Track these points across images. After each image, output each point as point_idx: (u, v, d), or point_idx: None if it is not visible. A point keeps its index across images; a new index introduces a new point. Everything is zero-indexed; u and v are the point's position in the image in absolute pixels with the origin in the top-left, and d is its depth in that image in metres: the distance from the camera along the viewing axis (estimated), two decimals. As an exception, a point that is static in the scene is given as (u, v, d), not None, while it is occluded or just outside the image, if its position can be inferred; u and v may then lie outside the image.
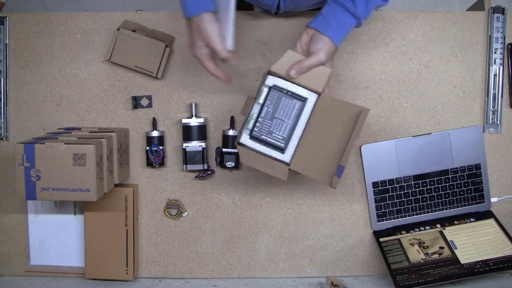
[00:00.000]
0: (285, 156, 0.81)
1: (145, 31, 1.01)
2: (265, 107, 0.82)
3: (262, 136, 0.81)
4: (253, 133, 0.81)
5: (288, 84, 0.82)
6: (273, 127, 0.81)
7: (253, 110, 0.82)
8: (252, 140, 0.82)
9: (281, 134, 0.81)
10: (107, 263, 1.00)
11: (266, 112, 0.82)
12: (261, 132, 0.81)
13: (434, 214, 1.04)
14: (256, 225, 1.05)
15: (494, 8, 1.02)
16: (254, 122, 0.82)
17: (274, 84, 0.82)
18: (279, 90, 0.82)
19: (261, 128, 0.81)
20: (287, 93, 0.82)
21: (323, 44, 0.81)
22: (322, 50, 0.80)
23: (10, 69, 1.04)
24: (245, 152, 0.82)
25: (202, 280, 1.05)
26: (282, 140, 0.81)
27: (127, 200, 0.99)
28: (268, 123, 0.81)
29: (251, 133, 0.81)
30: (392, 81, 1.04)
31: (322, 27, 0.82)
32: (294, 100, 0.82)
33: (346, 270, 1.05)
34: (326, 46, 0.81)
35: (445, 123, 1.04)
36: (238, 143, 0.82)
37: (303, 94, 0.82)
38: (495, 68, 1.03)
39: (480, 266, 0.94)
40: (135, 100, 1.03)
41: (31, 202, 1.05)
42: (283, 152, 0.81)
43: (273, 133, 0.81)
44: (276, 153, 0.81)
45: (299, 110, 0.82)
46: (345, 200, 1.05)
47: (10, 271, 1.05)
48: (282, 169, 0.82)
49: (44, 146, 0.83)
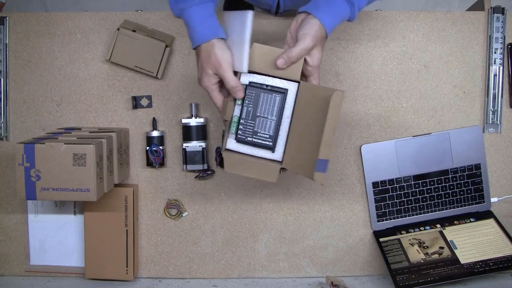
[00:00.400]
0: (276, 154, 0.78)
1: (145, 31, 1.01)
2: (245, 107, 0.78)
3: (248, 138, 0.78)
4: (238, 137, 0.78)
5: (264, 78, 0.78)
6: (257, 126, 0.78)
7: (234, 113, 0.79)
8: (239, 144, 0.79)
9: (267, 133, 0.78)
10: (107, 263, 1.00)
11: (247, 112, 0.78)
12: (246, 134, 0.78)
13: (434, 214, 1.04)
14: (256, 225, 1.05)
15: (494, 8, 1.02)
16: (237, 125, 0.78)
17: (250, 81, 0.78)
18: (257, 86, 0.78)
19: (245, 130, 0.78)
20: (266, 88, 0.78)
21: (310, 28, 0.75)
22: (308, 34, 0.75)
23: (10, 69, 1.04)
24: (231, 158, 0.79)
25: (202, 280, 1.05)
26: (269, 139, 0.78)
27: (127, 200, 0.99)
28: (251, 123, 0.78)
29: (236, 137, 0.79)
30: (392, 81, 1.04)
31: (312, 8, 0.77)
32: (274, 94, 0.77)
33: (346, 270, 1.05)
34: (313, 29, 0.75)
35: (445, 123, 1.04)
36: (225, 149, 0.79)
37: (282, 85, 0.78)
38: (495, 68, 1.03)
39: (480, 266, 0.94)
40: (135, 100, 1.03)
41: (31, 202, 1.04)
42: (273, 151, 0.78)
43: (258, 133, 0.78)
44: (266, 152, 0.79)
45: (281, 104, 0.77)
46: (345, 200, 1.05)
47: (10, 271, 1.05)
48: (273, 170, 0.78)
49: (44, 146, 0.83)
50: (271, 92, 0.78)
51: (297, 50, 0.75)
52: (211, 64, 0.77)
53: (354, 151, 1.04)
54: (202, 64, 0.78)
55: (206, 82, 0.79)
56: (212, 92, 0.80)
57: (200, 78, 0.80)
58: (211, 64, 0.77)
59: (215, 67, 0.77)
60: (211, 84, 0.79)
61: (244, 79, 0.79)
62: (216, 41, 0.77)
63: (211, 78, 0.79)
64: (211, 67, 0.77)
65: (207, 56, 0.77)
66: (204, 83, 0.80)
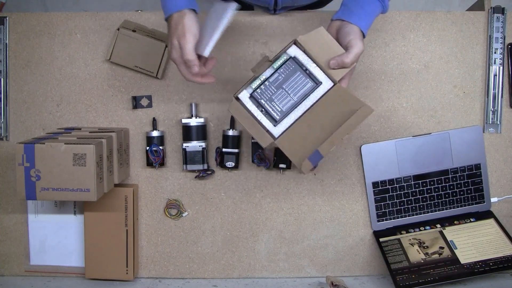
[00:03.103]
0: (275, 129, 0.79)
1: (145, 31, 1.01)
2: (276, 74, 0.79)
3: (261, 100, 0.79)
4: (254, 94, 0.79)
5: (309, 61, 0.79)
6: (276, 96, 0.78)
7: (264, 72, 0.79)
8: (250, 99, 0.79)
9: (280, 106, 0.79)
10: (107, 263, 1.00)
11: (275, 78, 0.79)
12: (262, 96, 0.79)
13: (434, 214, 1.04)
14: (256, 225, 1.05)
15: (494, 8, 1.02)
16: (260, 84, 0.79)
17: (295, 56, 0.79)
18: (298, 63, 0.79)
19: (263, 92, 0.79)
20: (304, 70, 0.79)
21: (354, 34, 0.76)
22: (358, 39, 0.76)
23: (10, 69, 1.04)
24: (238, 107, 0.79)
25: (202, 280, 1.05)
26: (279, 113, 0.78)
27: (127, 200, 0.99)
28: (272, 90, 0.78)
29: (253, 93, 0.79)
30: (392, 81, 1.04)
31: (346, 15, 0.78)
32: (308, 79, 0.78)
33: (346, 270, 1.05)
34: (357, 34, 0.76)
35: (445, 123, 1.04)
36: (235, 97, 0.79)
37: (319, 77, 0.79)
38: (495, 68, 1.03)
39: (480, 266, 0.94)
40: (135, 100, 1.03)
41: (31, 202, 1.04)
42: (275, 125, 0.79)
43: (273, 101, 0.79)
44: (268, 123, 0.79)
45: (308, 91, 0.78)
46: (345, 200, 1.05)
47: (10, 271, 1.05)
48: (267, 140, 0.78)
49: (44, 146, 0.83)
50: (306, 76, 0.79)
51: (351, 57, 0.76)
52: (177, 33, 0.76)
53: (354, 151, 1.04)
54: (170, 35, 0.77)
55: (173, 54, 0.77)
56: (179, 66, 0.78)
57: (169, 50, 0.78)
58: (177, 33, 0.76)
59: (179, 37, 0.76)
60: (178, 56, 0.77)
61: (291, 51, 0.79)
62: (188, 11, 0.76)
63: (178, 50, 0.77)
64: (177, 37, 0.76)
65: (175, 25, 0.76)
66: (171, 55, 0.78)
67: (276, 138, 0.79)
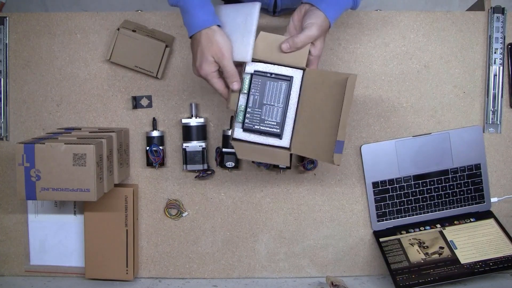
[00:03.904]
0: (284, 141, 0.79)
1: (145, 31, 1.01)
2: (251, 96, 0.79)
3: (255, 127, 0.79)
4: (245, 126, 0.79)
5: (269, 66, 0.79)
6: (264, 114, 0.79)
7: (240, 102, 0.79)
8: (246, 132, 0.80)
9: (274, 120, 0.79)
10: (107, 263, 1.00)
11: (253, 100, 0.79)
12: (253, 122, 0.79)
13: (434, 214, 1.04)
14: (256, 225, 1.05)
15: (494, 8, 1.02)
16: (244, 114, 0.79)
17: (255, 70, 0.79)
18: (262, 74, 0.79)
19: (252, 119, 0.79)
20: (270, 76, 0.79)
21: (316, 18, 0.77)
22: (315, 24, 0.77)
23: (10, 69, 1.04)
24: (241, 147, 0.80)
25: (202, 280, 1.05)
26: (276, 126, 0.79)
27: (127, 200, 0.99)
28: (258, 111, 0.79)
29: (243, 126, 0.79)
30: (392, 81, 1.04)
31: (316, 0, 0.78)
32: (279, 81, 0.79)
33: (346, 270, 1.05)
34: (319, 20, 0.77)
35: (445, 123, 1.04)
36: (233, 139, 0.80)
37: (287, 73, 0.79)
38: (495, 68, 1.03)
39: (480, 266, 0.94)
40: (135, 100, 1.03)
41: (31, 202, 1.04)
42: (280, 138, 0.79)
43: (265, 120, 0.79)
44: (274, 140, 0.79)
45: (287, 91, 0.79)
46: (345, 200, 1.05)
47: (10, 271, 1.05)
48: (283, 155, 0.79)
49: (44, 146, 0.83)
50: (276, 80, 0.79)
51: (302, 37, 0.77)
52: (213, 50, 0.76)
53: (354, 151, 1.04)
54: (203, 51, 0.77)
55: (206, 69, 0.78)
56: (213, 79, 0.79)
57: (200, 65, 0.78)
58: (213, 50, 0.76)
59: (216, 54, 0.76)
60: (212, 71, 0.78)
61: (249, 68, 0.79)
62: (217, 28, 0.77)
63: (212, 66, 0.78)
64: (213, 54, 0.77)
65: (209, 42, 0.76)
66: (204, 71, 0.78)
67: (289, 148, 0.79)
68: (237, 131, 0.80)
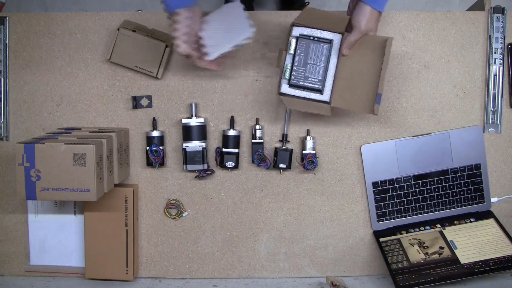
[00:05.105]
0: (324, 96, 0.90)
1: (145, 31, 1.01)
2: (296, 56, 0.89)
3: (300, 83, 0.89)
4: (291, 81, 0.90)
5: (312, 30, 0.89)
6: (308, 72, 0.89)
7: (286, 61, 0.90)
8: (291, 88, 0.90)
9: (316, 77, 0.89)
10: (107, 263, 1.00)
11: (298, 60, 0.89)
12: (298, 79, 0.89)
13: (434, 214, 1.04)
14: (256, 225, 1.05)
15: (494, 8, 1.02)
16: (290, 71, 0.90)
17: (300, 34, 0.90)
18: (306, 38, 0.89)
19: (297, 76, 0.89)
20: (313, 39, 0.89)
21: (362, 15, 0.85)
22: (361, 22, 0.85)
23: (10, 69, 1.04)
24: (288, 99, 0.90)
25: (202, 280, 1.05)
26: (318, 82, 0.89)
27: (127, 200, 0.99)
28: (302, 69, 0.89)
29: (289, 82, 0.90)
30: (392, 81, 1.04)
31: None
32: (321, 43, 0.89)
33: (346, 270, 1.05)
34: (365, 17, 0.85)
35: (445, 123, 1.04)
36: (279, 93, 0.90)
37: (328, 36, 0.89)
38: (495, 68, 1.03)
39: (480, 266, 0.94)
40: (135, 100, 1.03)
41: (31, 202, 1.05)
42: (321, 93, 0.89)
43: (309, 78, 0.89)
44: (316, 95, 0.90)
45: (328, 52, 0.89)
46: (345, 200, 1.05)
47: (10, 271, 1.05)
48: (325, 107, 0.90)
49: (44, 146, 0.83)
50: (319, 43, 0.89)
51: (353, 37, 0.87)
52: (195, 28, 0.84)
53: (354, 151, 1.04)
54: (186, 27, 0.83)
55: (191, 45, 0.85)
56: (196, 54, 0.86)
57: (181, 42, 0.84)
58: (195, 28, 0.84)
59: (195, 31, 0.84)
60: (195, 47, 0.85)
61: (295, 32, 0.90)
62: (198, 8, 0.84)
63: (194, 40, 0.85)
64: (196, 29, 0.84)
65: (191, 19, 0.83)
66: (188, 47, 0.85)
67: (329, 102, 0.89)
68: (283, 87, 0.90)
